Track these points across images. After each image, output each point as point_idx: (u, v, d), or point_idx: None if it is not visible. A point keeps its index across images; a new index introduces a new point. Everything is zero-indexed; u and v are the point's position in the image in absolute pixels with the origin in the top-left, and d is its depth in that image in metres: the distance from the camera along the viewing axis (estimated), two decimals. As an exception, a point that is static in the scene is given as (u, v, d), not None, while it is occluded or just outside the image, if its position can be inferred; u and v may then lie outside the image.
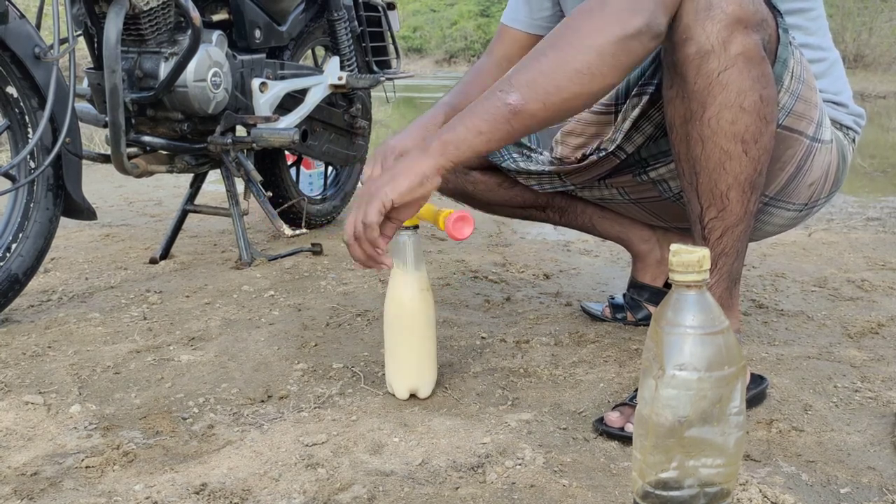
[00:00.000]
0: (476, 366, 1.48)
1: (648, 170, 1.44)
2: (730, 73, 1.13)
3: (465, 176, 1.67)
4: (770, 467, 1.11)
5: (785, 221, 1.44)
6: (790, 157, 1.30)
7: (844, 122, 1.42)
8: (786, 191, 1.36)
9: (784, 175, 1.33)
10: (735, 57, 1.12)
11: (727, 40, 1.12)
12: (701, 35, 1.12)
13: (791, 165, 1.32)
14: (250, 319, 1.73)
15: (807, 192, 1.38)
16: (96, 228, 2.62)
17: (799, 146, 1.30)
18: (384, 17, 2.83)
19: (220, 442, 1.19)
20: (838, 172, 1.41)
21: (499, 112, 1.09)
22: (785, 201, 1.38)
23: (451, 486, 1.05)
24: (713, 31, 1.12)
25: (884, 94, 9.98)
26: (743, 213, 1.21)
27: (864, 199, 3.55)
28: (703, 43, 1.13)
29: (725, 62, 1.13)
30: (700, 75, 1.14)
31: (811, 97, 1.28)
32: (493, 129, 1.10)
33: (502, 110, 1.09)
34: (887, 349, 1.58)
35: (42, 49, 1.66)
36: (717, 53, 1.12)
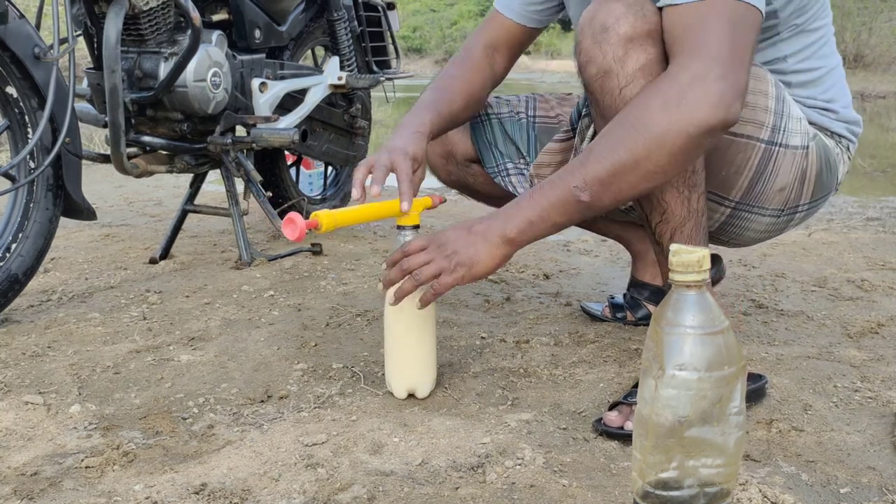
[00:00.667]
0: (476, 366, 1.48)
1: None
2: (631, 89, 1.19)
3: (466, 168, 1.68)
4: (770, 467, 1.11)
5: (766, 227, 1.43)
6: (743, 161, 1.32)
7: (834, 130, 1.42)
8: (751, 195, 1.36)
9: (743, 179, 1.34)
10: (633, 73, 1.18)
11: (623, 59, 1.18)
12: (599, 56, 1.20)
13: (748, 170, 1.33)
14: (250, 319, 1.73)
15: (779, 198, 1.38)
16: (96, 228, 2.62)
17: (752, 150, 1.31)
18: (384, 17, 2.83)
19: (219, 442, 1.19)
20: (821, 178, 1.40)
21: (574, 208, 1.15)
22: (756, 206, 1.38)
23: (451, 486, 1.05)
24: (609, 51, 1.19)
25: (884, 94, 9.98)
26: (686, 212, 1.26)
27: (864, 199, 3.55)
28: (602, 63, 1.20)
29: (625, 79, 1.19)
30: (605, 94, 1.22)
31: (757, 102, 1.29)
32: (568, 220, 1.17)
33: (577, 206, 1.14)
34: (887, 349, 1.58)
35: (42, 49, 1.66)
36: (616, 72, 1.19)
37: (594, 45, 1.20)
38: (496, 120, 1.65)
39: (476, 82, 1.52)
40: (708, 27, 1.11)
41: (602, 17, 1.20)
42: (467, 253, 1.18)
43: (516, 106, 1.67)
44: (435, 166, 1.70)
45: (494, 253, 1.17)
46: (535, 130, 1.63)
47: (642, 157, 1.10)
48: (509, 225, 1.17)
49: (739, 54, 1.11)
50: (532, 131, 1.64)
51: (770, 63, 1.37)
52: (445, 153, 1.67)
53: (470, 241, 1.18)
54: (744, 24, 1.13)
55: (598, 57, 1.20)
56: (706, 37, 1.11)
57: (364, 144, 2.79)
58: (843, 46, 12.25)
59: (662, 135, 1.09)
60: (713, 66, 1.09)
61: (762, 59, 1.36)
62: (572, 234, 2.57)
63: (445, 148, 1.67)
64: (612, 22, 1.18)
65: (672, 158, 1.11)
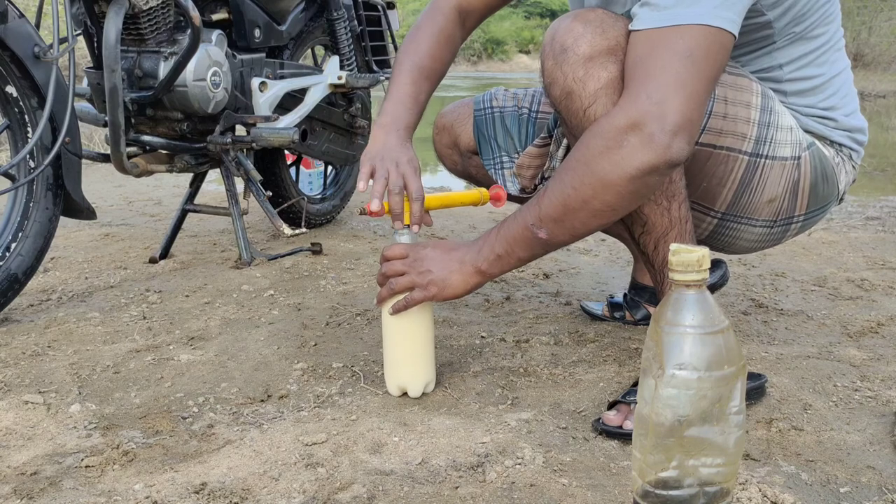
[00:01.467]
0: (476, 365, 1.48)
1: None
2: (595, 108, 1.19)
3: (469, 159, 1.70)
4: (770, 466, 1.11)
5: (760, 237, 1.42)
6: (725, 173, 1.31)
7: (834, 139, 1.40)
8: (738, 206, 1.35)
9: (727, 191, 1.33)
10: (595, 92, 1.18)
11: (584, 79, 1.18)
12: (560, 78, 1.20)
13: (732, 182, 1.32)
14: (250, 319, 1.73)
15: (769, 209, 1.36)
16: (96, 228, 2.62)
17: (734, 163, 1.30)
18: (384, 17, 2.83)
19: (219, 441, 1.19)
20: (816, 190, 1.38)
21: (534, 244, 1.20)
22: (745, 217, 1.37)
23: (450, 485, 1.05)
24: (569, 72, 1.19)
25: (884, 94, 9.98)
26: (668, 221, 1.26)
27: (863, 199, 3.55)
28: (564, 85, 1.20)
29: (587, 99, 1.19)
30: (570, 114, 1.22)
31: (738, 113, 1.28)
32: (531, 255, 1.22)
33: (537, 242, 1.20)
34: (887, 348, 1.58)
35: (42, 48, 1.66)
36: (578, 93, 1.19)
37: (555, 66, 1.21)
38: (499, 114, 1.65)
39: (448, 56, 1.49)
40: (660, 60, 1.09)
41: (561, 38, 1.20)
42: (441, 275, 1.24)
43: (522, 100, 1.67)
44: (442, 156, 1.72)
45: (467, 280, 1.24)
46: (534, 126, 1.64)
47: (589, 198, 1.13)
48: (480, 257, 1.23)
49: (689, 90, 1.08)
50: (531, 126, 1.64)
51: (764, 71, 1.35)
52: (451, 143, 1.68)
53: (446, 264, 1.24)
54: (705, 55, 1.09)
55: (560, 78, 1.20)
56: (654, 73, 1.09)
57: (364, 144, 2.78)
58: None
59: (605, 177, 1.11)
60: (655, 107, 1.07)
61: (755, 67, 1.34)
62: (572, 233, 2.57)
63: (451, 138, 1.68)
64: (571, 42, 1.18)
65: (619, 198, 1.13)
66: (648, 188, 1.14)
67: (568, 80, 1.19)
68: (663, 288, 1.32)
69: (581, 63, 1.18)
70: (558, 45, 1.20)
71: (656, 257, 1.30)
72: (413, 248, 1.26)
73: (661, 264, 1.30)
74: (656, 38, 1.11)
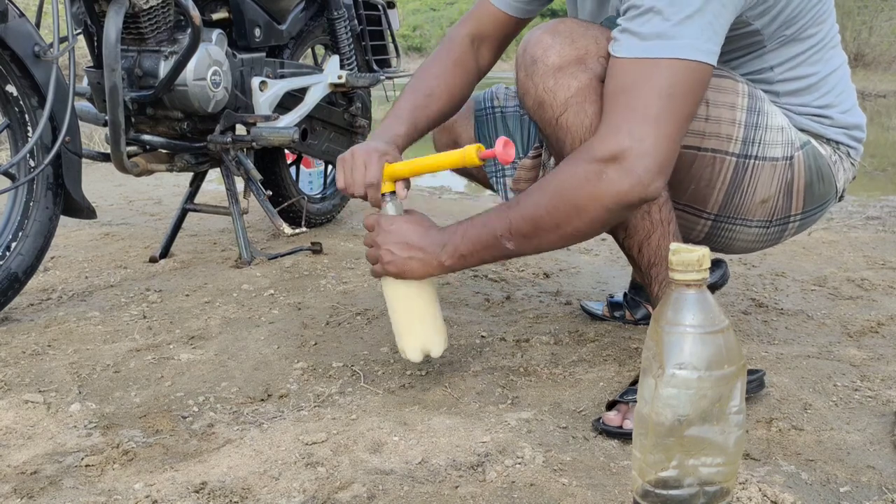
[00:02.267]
0: (476, 365, 1.48)
1: None
2: (566, 117, 1.21)
3: None
4: (770, 466, 1.11)
5: (757, 237, 1.42)
6: (713, 175, 1.31)
7: (830, 136, 1.39)
8: (730, 208, 1.35)
9: (717, 192, 1.33)
10: (566, 101, 1.20)
11: (553, 89, 1.21)
12: (532, 89, 1.23)
13: (721, 183, 1.32)
14: (250, 318, 1.73)
15: (762, 210, 1.36)
16: (96, 227, 2.62)
17: (721, 164, 1.31)
18: (384, 16, 2.83)
19: (219, 441, 1.19)
20: (812, 189, 1.38)
21: (499, 251, 1.23)
22: (738, 219, 1.37)
23: (450, 484, 1.06)
24: (540, 83, 1.22)
25: (884, 94, 9.97)
26: (649, 224, 1.27)
27: (864, 199, 3.55)
28: (535, 95, 1.23)
29: (558, 109, 1.21)
30: (544, 123, 1.24)
31: (722, 115, 1.28)
32: (494, 259, 1.26)
33: (502, 251, 1.22)
34: (887, 348, 1.58)
35: (42, 48, 1.66)
36: (549, 102, 1.22)
37: (526, 77, 1.23)
38: (500, 114, 1.64)
39: (459, 83, 1.48)
40: (637, 96, 1.11)
41: (531, 50, 1.22)
42: (401, 259, 1.26)
43: None
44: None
45: (427, 270, 1.27)
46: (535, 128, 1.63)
47: (562, 222, 1.16)
48: (444, 253, 1.25)
49: (668, 129, 1.11)
50: (532, 128, 1.64)
51: (755, 73, 1.34)
52: (451, 142, 1.68)
53: (410, 251, 1.26)
54: (686, 92, 1.12)
55: (532, 89, 1.23)
56: (634, 107, 1.11)
57: (364, 143, 2.78)
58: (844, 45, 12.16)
59: (582, 206, 1.14)
60: (635, 143, 1.10)
61: (745, 70, 1.34)
62: (572, 233, 2.57)
63: (452, 137, 1.68)
64: (541, 54, 1.21)
65: (591, 225, 1.16)
66: (619, 219, 1.19)
67: (539, 91, 1.22)
68: (651, 289, 1.32)
69: (551, 73, 1.21)
70: (529, 56, 1.23)
71: (641, 260, 1.30)
72: (384, 222, 1.28)
73: (647, 266, 1.30)
74: (639, 70, 1.12)
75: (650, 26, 1.11)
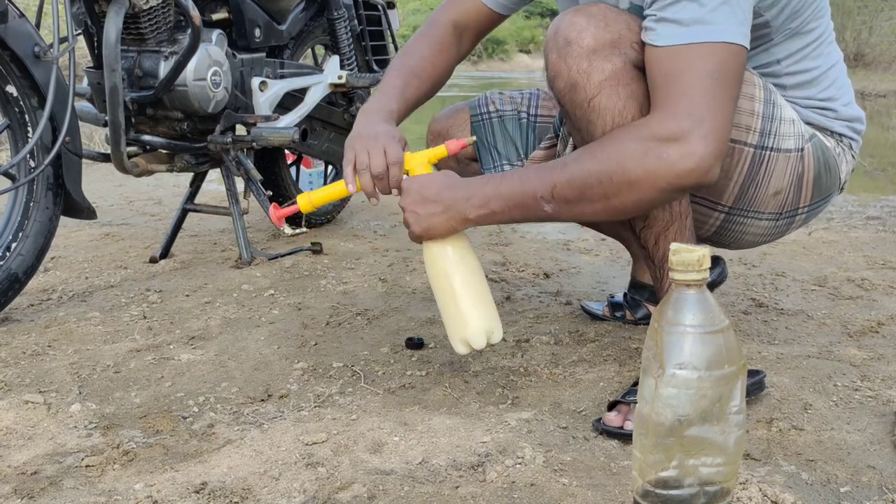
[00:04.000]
0: (476, 365, 1.48)
1: None
2: (599, 100, 1.20)
3: (466, 167, 1.68)
4: (770, 466, 1.11)
5: (766, 230, 1.42)
6: (732, 166, 1.31)
7: (835, 129, 1.40)
8: (744, 200, 1.35)
9: (733, 184, 1.33)
10: (600, 84, 1.19)
11: (588, 71, 1.19)
12: (564, 70, 1.21)
13: (738, 175, 1.32)
14: (250, 318, 1.73)
15: (775, 202, 1.37)
16: (96, 227, 2.62)
17: (740, 155, 1.30)
18: (384, 16, 2.83)
19: (220, 441, 1.19)
20: (820, 181, 1.38)
21: (534, 213, 1.22)
22: (751, 211, 1.37)
23: (451, 484, 1.05)
24: (573, 64, 1.20)
25: (884, 94, 9.97)
26: (669, 216, 1.27)
27: (864, 199, 3.55)
28: (568, 77, 1.21)
29: (592, 90, 1.20)
30: (575, 107, 1.23)
31: (742, 106, 1.28)
32: (525, 220, 1.26)
33: (538, 213, 1.21)
34: (887, 348, 1.58)
35: (42, 48, 1.66)
36: (583, 85, 1.20)
37: (559, 59, 1.22)
38: (497, 119, 1.64)
39: (443, 64, 1.51)
40: (690, 81, 1.12)
41: (565, 31, 1.21)
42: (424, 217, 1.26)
43: (519, 104, 1.66)
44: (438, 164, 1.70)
45: (451, 225, 1.26)
46: (535, 131, 1.63)
47: (611, 195, 1.15)
48: (471, 207, 1.24)
49: (722, 112, 1.12)
50: (532, 132, 1.63)
51: (763, 67, 1.36)
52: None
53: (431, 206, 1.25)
54: (727, 73, 1.13)
55: (564, 71, 1.21)
56: (688, 91, 1.12)
57: (364, 143, 2.78)
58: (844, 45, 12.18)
59: (636, 182, 1.13)
60: (695, 126, 1.10)
61: (754, 63, 1.35)
62: (573, 233, 2.57)
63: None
64: (575, 35, 1.19)
65: (639, 203, 1.16)
66: (667, 200, 1.18)
67: (572, 73, 1.20)
68: (663, 284, 1.32)
69: (585, 55, 1.19)
70: (562, 38, 1.21)
71: (656, 252, 1.31)
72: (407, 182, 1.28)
73: (661, 259, 1.31)
74: (685, 55, 1.13)
75: (687, 13, 1.12)
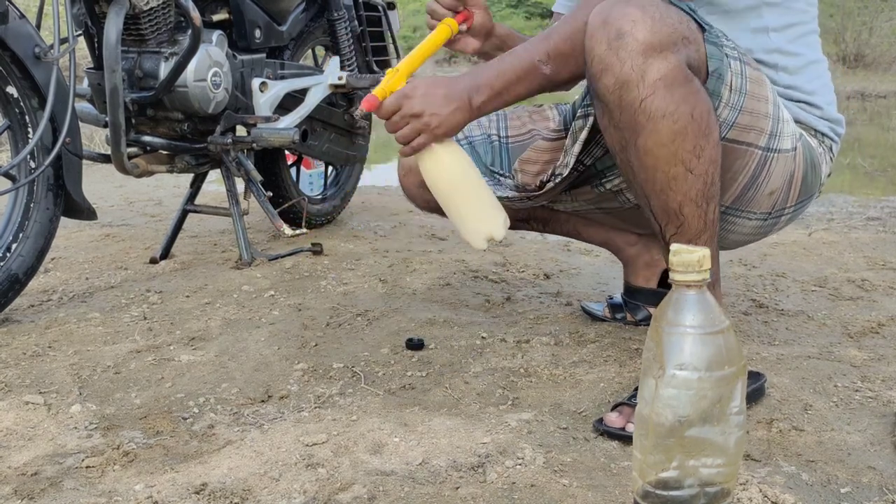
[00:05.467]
0: (476, 365, 1.48)
1: (604, 181, 1.44)
2: (652, 100, 1.12)
3: None
4: (770, 467, 1.11)
5: (751, 230, 1.42)
6: (741, 167, 1.29)
7: (818, 128, 1.40)
8: (742, 200, 1.34)
9: (737, 186, 1.32)
10: (654, 83, 1.11)
11: (643, 67, 1.11)
12: (616, 65, 1.12)
13: (743, 176, 1.31)
14: (250, 319, 1.73)
15: (768, 202, 1.36)
16: (96, 228, 2.62)
17: (750, 157, 1.29)
18: (384, 17, 2.83)
19: (220, 442, 1.19)
20: (806, 180, 1.38)
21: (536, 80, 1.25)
22: (745, 210, 1.36)
23: (451, 485, 1.05)
24: (627, 60, 1.12)
25: (884, 94, 9.97)
26: (702, 224, 1.22)
27: (864, 199, 3.55)
28: (620, 73, 1.13)
29: (645, 90, 1.12)
30: (623, 106, 1.14)
31: (759, 108, 1.26)
32: (528, 92, 1.26)
33: (539, 79, 1.24)
34: (887, 349, 1.58)
35: (42, 49, 1.66)
36: (636, 83, 1.12)
37: (610, 52, 1.12)
38: (467, 145, 1.61)
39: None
40: None
41: (617, 22, 1.12)
42: (435, 117, 1.24)
43: (487, 127, 1.63)
44: (413, 196, 1.64)
45: (463, 116, 1.25)
46: (508, 152, 1.61)
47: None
48: (477, 95, 1.24)
49: None
50: (506, 154, 1.61)
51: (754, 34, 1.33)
52: (420, 182, 1.55)
53: (440, 103, 1.24)
54: None
55: (616, 66, 1.12)
56: None
57: (364, 144, 2.79)
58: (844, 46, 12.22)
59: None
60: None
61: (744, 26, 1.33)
62: (573, 233, 2.57)
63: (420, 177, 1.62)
64: (629, 27, 1.11)
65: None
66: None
67: (626, 69, 1.12)
68: None
69: (640, 51, 1.11)
70: (614, 29, 1.12)
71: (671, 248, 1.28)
72: (406, 97, 1.26)
73: None
74: None
75: None
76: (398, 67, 1.29)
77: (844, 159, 4.62)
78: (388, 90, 1.26)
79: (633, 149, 1.17)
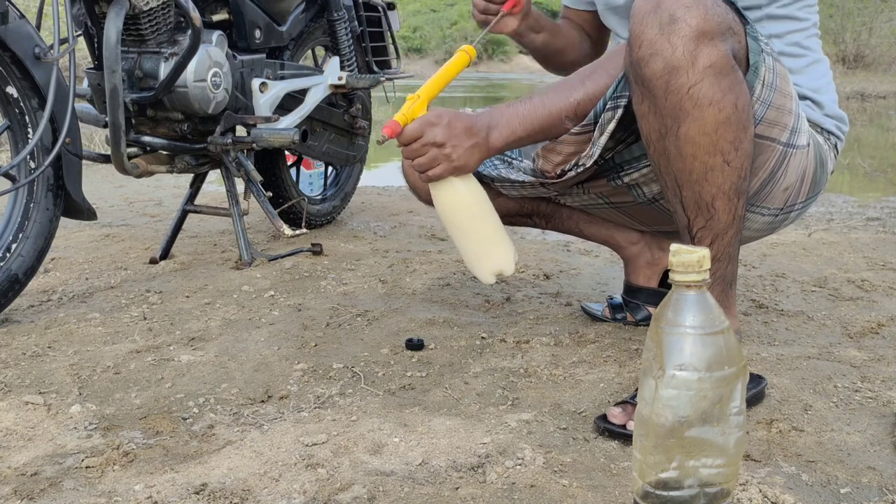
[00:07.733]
0: (476, 366, 1.48)
1: (622, 175, 1.44)
2: (700, 87, 1.12)
3: None
4: (770, 467, 1.11)
5: (761, 226, 1.42)
6: (762, 163, 1.29)
7: (825, 126, 1.40)
8: (760, 196, 1.34)
9: (757, 180, 1.31)
10: (704, 70, 1.11)
11: (694, 54, 1.10)
12: (667, 50, 1.11)
13: (764, 171, 1.30)
14: (250, 319, 1.73)
15: (782, 197, 1.36)
16: (96, 228, 2.62)
17: (772, 153, 1.29)
18: (384, 17, 2.83)
19: (220, 442, 1.19)
20: (815, 176, 1.38)
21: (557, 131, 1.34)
22: (760, 206, 1.36)
23: (451, 486, 1.06)
24: (679, 45, 1.10)
25: (884, 94, 9.97)
26: (731, 219, 1.21)
27: (864, 199, 3.55)
28: (670, 58, 1.11)
29: (695, 77, 1.11)
30: (670, 91, 1.13)
31: (784, 104, 1.26)
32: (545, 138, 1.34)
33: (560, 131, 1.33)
34: (887, 349, 1.58)
35: (42, 49, 1.66)
36: (686, 68, 1.11)
37: (661, 36, 1.11)
38: None
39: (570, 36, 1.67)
40: None
41: (669, 7, 1.11)
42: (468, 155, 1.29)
43: None
44: (416, 188, 1.63)
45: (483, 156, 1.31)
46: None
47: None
48: (497, 136, 1.30)
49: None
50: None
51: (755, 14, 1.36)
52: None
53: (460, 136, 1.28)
54: None
55: (667, 51, 1.11)
56: None
57: (364, 144, 2.79)
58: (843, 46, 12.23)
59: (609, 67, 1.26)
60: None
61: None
62: (572, 234, 2.57)
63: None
64: (682, 13, 1.10)
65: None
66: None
67: (677, 54, 1.10)
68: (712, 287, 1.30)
69: (693, 36, 1.10)
70: (666, 14, 1.11)
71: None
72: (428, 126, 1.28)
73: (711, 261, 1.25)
74: None
75: None
76: (419, 94, 1.30)
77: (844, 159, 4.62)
78: (409, 116, 1.27)
79: (672, 137, 1.16)
